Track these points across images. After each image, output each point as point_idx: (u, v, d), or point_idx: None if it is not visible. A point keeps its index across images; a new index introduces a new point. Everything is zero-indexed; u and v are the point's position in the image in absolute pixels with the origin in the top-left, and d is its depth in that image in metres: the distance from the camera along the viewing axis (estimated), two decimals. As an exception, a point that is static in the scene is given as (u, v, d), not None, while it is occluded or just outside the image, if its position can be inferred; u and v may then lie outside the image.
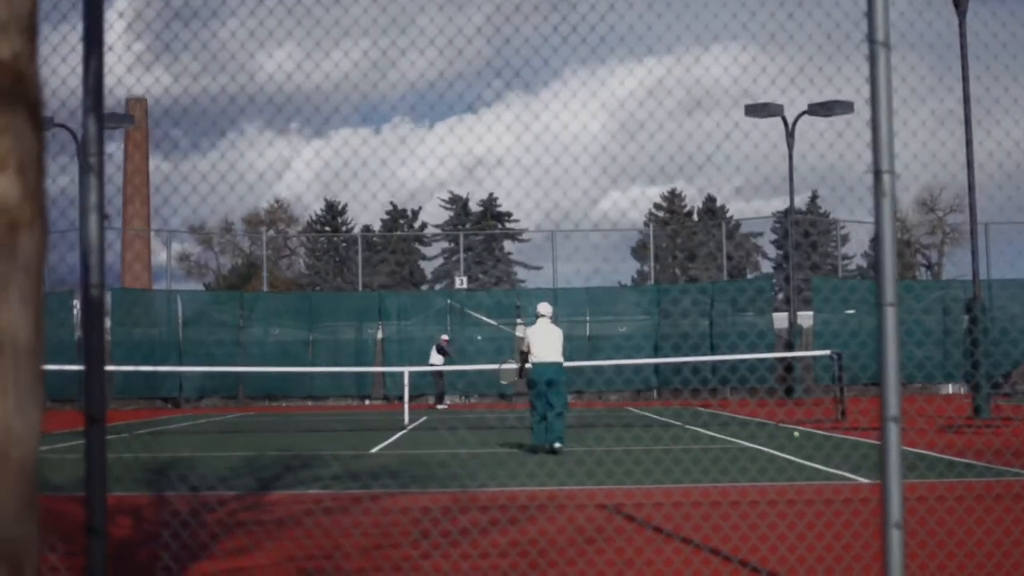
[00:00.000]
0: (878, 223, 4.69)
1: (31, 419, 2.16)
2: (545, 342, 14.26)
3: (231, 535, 7.38)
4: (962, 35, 18.57)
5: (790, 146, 29.00)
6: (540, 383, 14.13)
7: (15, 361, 2.13)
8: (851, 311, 29.48)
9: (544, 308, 14.73)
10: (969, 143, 18.03)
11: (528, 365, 14.41)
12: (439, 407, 27.79)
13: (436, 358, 28.00)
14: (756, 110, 27.82)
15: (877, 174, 4.67)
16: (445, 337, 28.84)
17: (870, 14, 4.70)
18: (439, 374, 27.67)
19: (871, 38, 4.70)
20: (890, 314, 4.62)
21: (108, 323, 33.62)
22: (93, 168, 4.41)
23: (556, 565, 6.42)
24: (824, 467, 11.33)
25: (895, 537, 4.60)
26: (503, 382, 16.20)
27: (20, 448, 2.13)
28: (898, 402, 4.65)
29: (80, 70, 5.46)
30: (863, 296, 29.24)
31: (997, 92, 6.29)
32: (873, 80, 4.68)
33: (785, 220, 53.55)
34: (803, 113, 28.30)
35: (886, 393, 4.63)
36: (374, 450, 14.78)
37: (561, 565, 6.43)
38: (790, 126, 29.18)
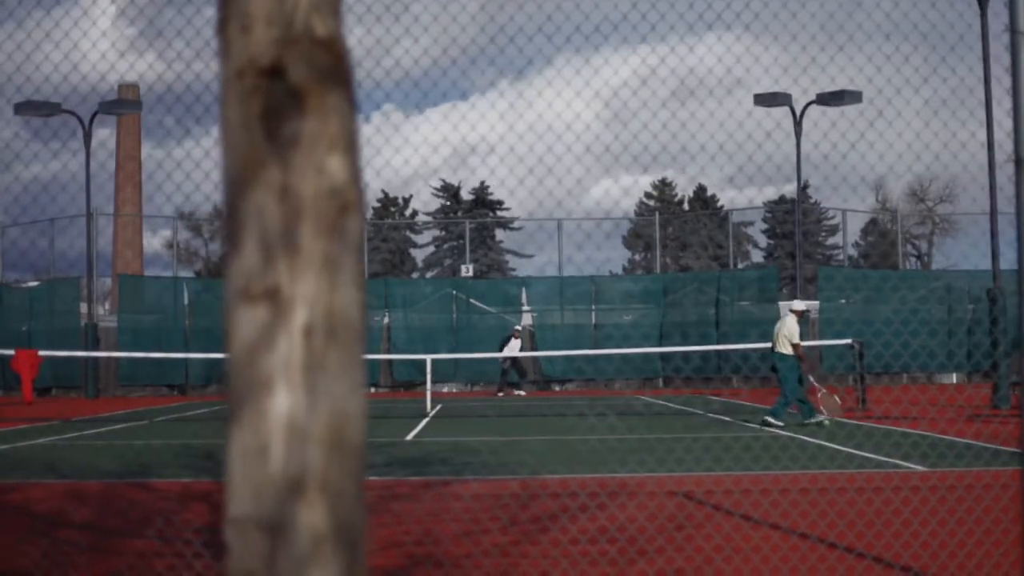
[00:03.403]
0: (1020, 210, 4.71)
1: (360, 401, 2.16)
2: (776, 333, 15.78)
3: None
4: (983, 15, 18.57)
5: (798, 135, 29.03)
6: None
7: (348, 343, 2.12)
8: (849, 300, 29.52)
9: (791, 304, 16.45)
10: (989, 126, 18.05)
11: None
12: (519, 393, 28.43)
13: (516, 346, 28.39)
14: (765, 99, 27.82)
15: (1019, 163, 4.69)
16: (518, 327, 29.37)
17: (1012, 5, 4.71)
18: (516, 360, 28.52)
19: (1013, 28, 4.71)
20: (1032, 302, 4.64)
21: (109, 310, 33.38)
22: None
23: (646, 553, 6.43)
24: (875, 455, 11.38)
25: (1035, 523, 4.63)
26: (830, 416, 16.07)
27: (353, 430, 2.13)
28: (1039, 390, 4.68)
29: (91, 56, 5.48)
30: (876, 285, 29.34)
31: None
32: (1015, 69, 4.69)
33: (776, 209, 53.81)
34: (811, 103, 28.26)
35: (1027, 381, 4.65)
36: (408, 437, 14.75)
37: (651, 553, 6.44)
38: (798, 115, 29.16)
